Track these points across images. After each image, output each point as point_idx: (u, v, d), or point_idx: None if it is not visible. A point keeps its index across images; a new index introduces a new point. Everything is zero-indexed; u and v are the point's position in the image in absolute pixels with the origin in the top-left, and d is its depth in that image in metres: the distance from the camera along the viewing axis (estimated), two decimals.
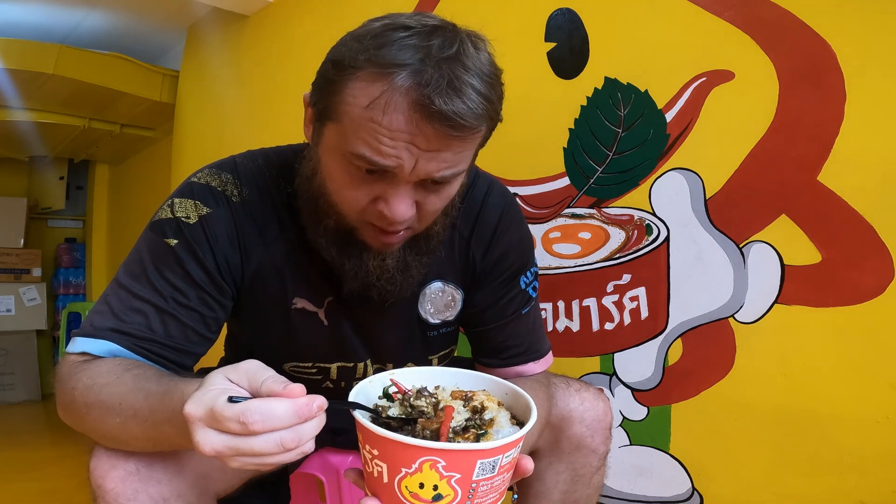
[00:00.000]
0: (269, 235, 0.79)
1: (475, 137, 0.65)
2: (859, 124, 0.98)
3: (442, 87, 0.59)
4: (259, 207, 0.78)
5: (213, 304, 0.75)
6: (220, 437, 0.50)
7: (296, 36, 2.11)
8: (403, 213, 0.67)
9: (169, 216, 0.75)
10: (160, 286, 0.72)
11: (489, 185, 0.88)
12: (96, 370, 0.66)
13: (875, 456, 0.97)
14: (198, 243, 0.73)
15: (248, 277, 0.79)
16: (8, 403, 3.66)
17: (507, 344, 0.89)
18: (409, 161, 0.63)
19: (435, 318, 0.88)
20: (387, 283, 0.75)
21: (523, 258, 0.89)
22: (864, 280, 0.98)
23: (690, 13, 1.17)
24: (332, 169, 0.68)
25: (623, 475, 1.26)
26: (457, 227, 0.85)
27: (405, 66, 0.59)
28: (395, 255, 0.74)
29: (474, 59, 0.62)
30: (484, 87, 0.62)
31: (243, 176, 0.79)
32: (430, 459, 0.50)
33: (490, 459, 0.52)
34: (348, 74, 0.62)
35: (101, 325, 0.70)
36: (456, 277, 0.87)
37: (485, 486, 0.53)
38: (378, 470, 0.53)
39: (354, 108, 0.62)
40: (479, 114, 0.61)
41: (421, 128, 0.61)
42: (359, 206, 0.69)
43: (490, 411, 0.59)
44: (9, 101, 2.74)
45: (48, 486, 2.15)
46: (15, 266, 3.86)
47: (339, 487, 0.97)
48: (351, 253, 0.74)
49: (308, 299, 0.82)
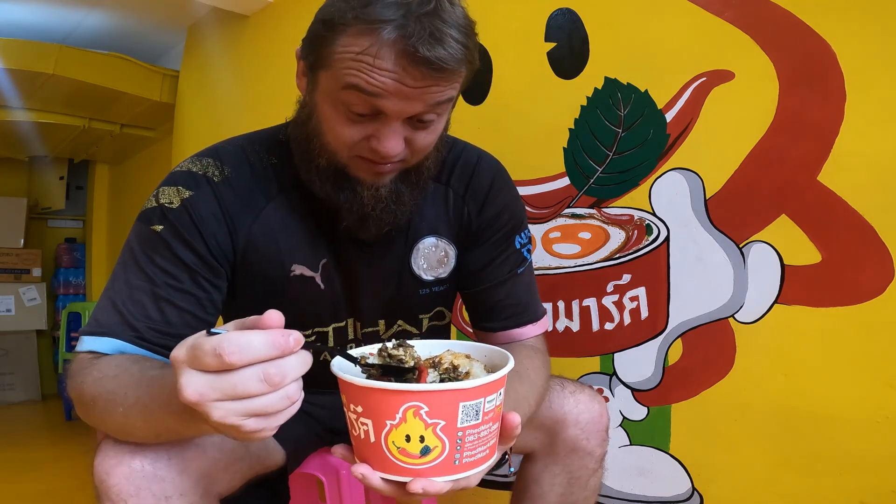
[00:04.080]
0: (257, 206, 0.81)
1: (455, 78, 0.70)
2: (859, 124, 0.98)
3: (424, 37, 0.65)
4: (243, 181, 0.80)
5: (206, 285, 0.77)
6: (201, 378, 0.48)
7: (296, 36, 2.09)
8: (394, 147, 0.71)
9: (153, 205, 0.77)
10: (152, 273, 0.74)
11: (480, 153, 0.93)
12: (105, 364, 0.67)
13: (875, 456, 0.97)
14: (184, 226, 0.75)
15: (241, 252, 0.80)
16: (8, 403, 3.66)
17: (503, 303, 0.90)
18: (398, 97, 0.68)
19: (428, 275, 0.90)
20: (382, 213, 0.78)
21: (517, 218, 0.92)
22: (864, 280, 0.98)
23: (690, 13, 1.17)
24: (326, 111, 0.73)
25: (623, 475, 1.26)
26: (451, 185, 0.89)
27: (390, 22, 0.65)
28: (387, 185, 0.77)
29: (450, 13, 0.68)
30: (461, 36, 0.68)
31: (224, 156, 0.82)
32: (413, 405, 0.51)
33: (473, 402, 0.53)
34: (338, 31, 0.68)
35: (105, 320, 0.72)
36: (450, 233, 0.89)
37: (471, 437, 0.54)
38: (364, 429, 0.54)
39: (346, 55, 0.68)
40: (458, 58, 0.67)
41: (408, 71, 0.66)
42: (351, 143, 0.73)
43: (463, 367, 0.60)
44: (9, 101, 2.74)
45: (48, 486, 2.15)
46: (15, 266, 3.86)
47: (339, 487, 0.97)
48: (344, 187, 0.77)
49: (305, 264, 0.84)
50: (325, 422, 0.94)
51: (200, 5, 2.36)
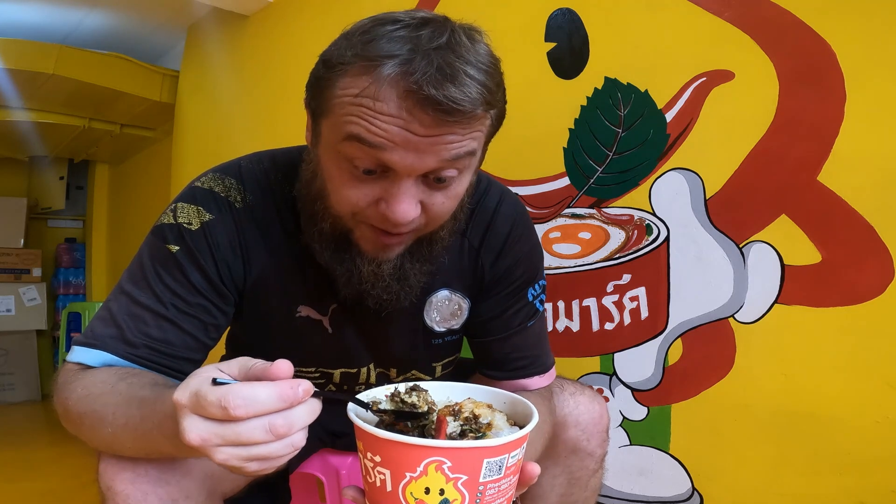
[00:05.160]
0: (273, 241, 0.77)
1: (475, 125, 0.61)
2: (859, 124, 0.98)
3: (431, 73, 0.55)
4: (263, 213, 0.76)
5: (214, 311, 0.74)
6: (204, 424, 0.47)
7: (296, 36, 2.11)
8: (406, 212, 0.62)
9: (171, 221, 0.74)
10: (160, 292, 0.71)
11: (501, 195, 0.85)
12: (91, 380, 0.65)
13: (875, 456, 0.97)
14: (199, 250, 0.72)
15: (251, 284, 0.78)
16: (8, 403, 3.66)
17: (511, 356, 0.87)
18: (406, 149, 0.59)
19: (440, 327, 0.86)
20: (382, 292, 0.72)
21: (532, 270, 0.86)
22: (864, 280, 0.98)
23: (690, 13, 1.17)
24: (329, 166, 0.65)
25: (623, 475, 1.26)
26: (466, 235, 0.82)
27: (393, 57, 0.57)
28: (391, 261, 0.70)
29: (467, 48, 0.58)
30: (479, 74, 0.58)
31: (247, 180, 0.77)
32: (435, 460, 0.49)
33: (497, 459, 0.51)
34: (338, 71, 0.61)
35: (101, 332, 0.70)
36: (463, 286, 0.85)
37: (492, 490, 0.52)
38: (381, 478, 0.52)
39: (345, 98, 0.60)
40: (474, 97, 0.57)
41: (414, 114, 0.57)
42: (357, 208, 0.65)
43: (484, 416, 0.58)
44: (9, 101, 2.74)
45: (48, 486, 2.15)
46: (15, 266, 3.86)
47: (339, 487, 0.97)
48: (343, 257, 0.70)
49: (312, 307, 0.81)
50: (326, 423, 0.95)
51: (200, 5, 2.36)
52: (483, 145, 0.67)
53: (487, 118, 0.62)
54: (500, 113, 0.65)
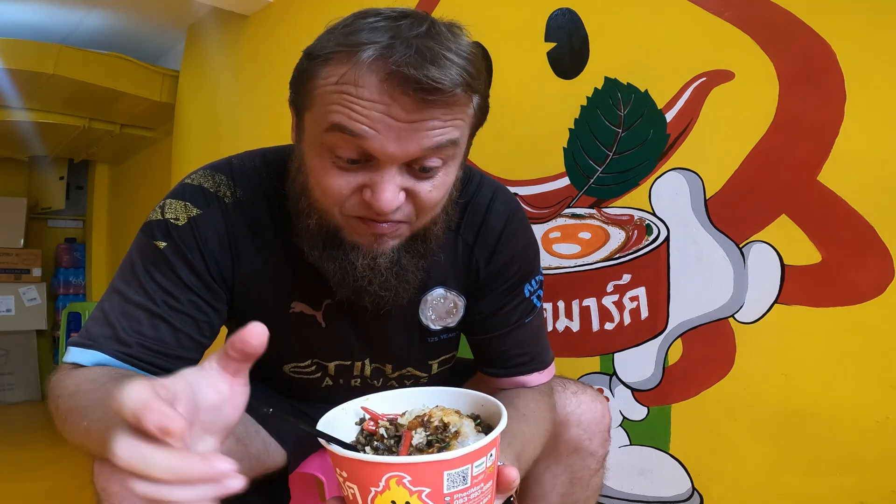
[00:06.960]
0: (263, 237, 0.77)
1: (456, 111, 0.61)
2: (859, 124, 0.98)
3: (410, 55, 0.56)
4: (253, 209, 0.76)
5: (205, 307, 0.74)
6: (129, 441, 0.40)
7: (296, 36, 2.11)
8: (389, 200, 0.61)
9: (159, 218, 0.73)
10: (151, 290, 0.70)
11: (494, 191, 0.85)
12: (83, 377, 0.65)
13: (875, 456, 0.97)
14: (187, 245, 0.72)
15: (241, 280, 0.77)
16: (8, 403, 3.66)
17: (509, 353, 0.86)
18: (388, 134, 0.59)
19: (436, 325, 0.86)
20: (380, 289, 0.70)
21: (528, 266, 0.86)
22: (864, 280, 0.98)
23: (690, 13, 1.17)
24: (312, 159, 0.65)
25: (623, 475, 1.26)
26: (460, 233, 0.82)
27: (374, 44, 0.58)
28: (388, 255, 0.69)
29: (447, 37, 0.59)
30: (458, 59, 0.58)
31: (238, 177, 0.77)
32: (395, 475, 0.49)
33: (458, 470, 0.51)
34: (319, 62, 0.61)
35: (95, 332, 0.70)
36: (458, 284, 0.84)
37: (461, 499, 0.52)
38: (351, 492, 0.53)
39: (327, 87, 0.61)
40: (454, 77, 0.58)
41: (395, 97, 0.57)
42: (341, 199, 0.64)
43: (453, 425, 0.57)
44: (9, 101, 2.74)
45: (48, 486, 2.15)
46: (15, 266, 3.86)
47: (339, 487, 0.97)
48: (335, 255, 0.69)
49: (305, 302, 0.81)
50: None
51: (200, 5, 2.36)
52: (468, 137, 0.67)
53: (469, 106, 0.63)
54: (484, 103, 0.65)
